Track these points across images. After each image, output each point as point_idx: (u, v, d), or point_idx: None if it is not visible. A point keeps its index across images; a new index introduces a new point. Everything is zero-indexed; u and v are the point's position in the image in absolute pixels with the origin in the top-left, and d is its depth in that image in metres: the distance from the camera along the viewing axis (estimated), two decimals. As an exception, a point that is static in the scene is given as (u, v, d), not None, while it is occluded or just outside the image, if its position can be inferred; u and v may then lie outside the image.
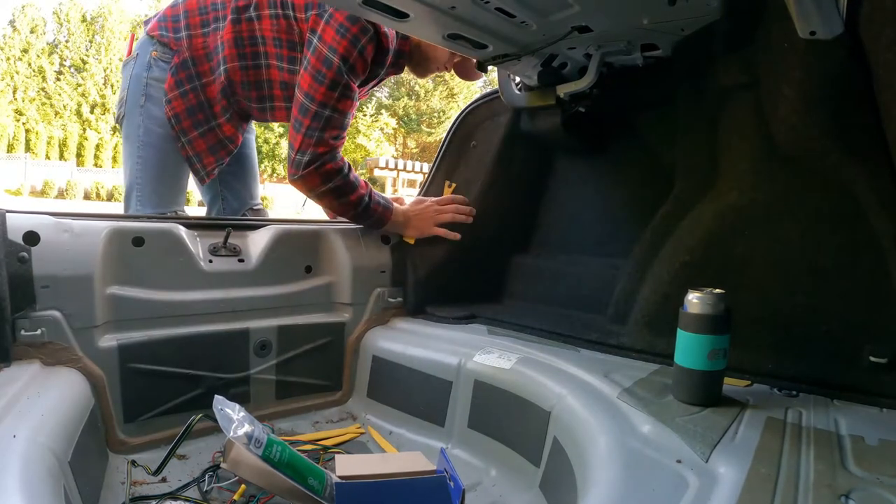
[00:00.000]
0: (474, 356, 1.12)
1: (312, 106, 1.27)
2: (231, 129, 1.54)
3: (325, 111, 1.27)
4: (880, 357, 0.89)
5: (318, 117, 1.27)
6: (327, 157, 1.29)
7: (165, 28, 1.46)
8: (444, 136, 1.69)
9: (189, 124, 1.47)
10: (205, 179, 1.56)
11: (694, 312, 0.81)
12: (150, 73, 1.45)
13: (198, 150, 1.50)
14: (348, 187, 1.33)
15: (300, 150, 1.28)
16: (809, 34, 0.82)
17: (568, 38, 1.15)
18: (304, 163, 1.28)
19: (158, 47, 1.45)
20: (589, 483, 0.68)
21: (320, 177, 1.29)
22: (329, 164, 1.29)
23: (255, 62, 1.42)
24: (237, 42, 1.40)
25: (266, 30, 1.39)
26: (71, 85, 31.10)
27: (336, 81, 1.26)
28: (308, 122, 1.27)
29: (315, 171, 1.28)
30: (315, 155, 1.28)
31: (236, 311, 1.18)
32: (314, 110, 1.27)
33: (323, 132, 1.27)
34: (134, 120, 1.47)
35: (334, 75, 1.25)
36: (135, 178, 1.49)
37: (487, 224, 1.57)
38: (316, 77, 1.26)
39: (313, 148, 1.27)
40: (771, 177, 1.02)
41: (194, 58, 1.45)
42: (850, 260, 0.94)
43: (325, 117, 1.27)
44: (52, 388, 0.85)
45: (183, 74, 1.45)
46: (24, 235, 0.93)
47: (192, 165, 1.52)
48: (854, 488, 0.59)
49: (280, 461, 0.81)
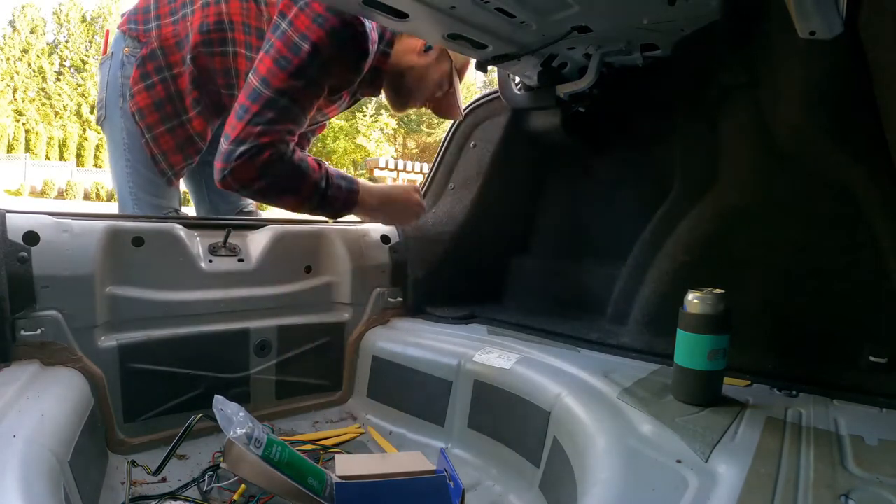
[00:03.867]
0: (474, 356, 1.12)
1: (266, 92, 1.09)
2: (202, 124, 1.39)
3: (281, 99, 1.09)
4: (880, 357, 0.89)
5: (270, 105, 1.09)
6: (268, 145, 1.09)
7: (135, 21, 1.37)
8: (444, 137, 1.69)
9: (155, 119, 1.36)
10: (173, 181, 1.45)
11: (694, 312, 0.81)
12: (123, 72, 1.37)
13: (164, 148, 1.39)
14: (295, 177, 1.14)
15: (237, 138, 1.09)
16: (809, 34, 0.82)
17: (568, 38, 1.15)
18: (238, 153, 1.08)
19: (130, 42, 1.36)
20: (589, 483, 0.68)
21: (256, 168, 1.09)
22: (268, 151, 1.09)
23: (222, 48, 1.30)
24: (203, 27, 1.29)
25: (234, 13, 1.27)
26: (71, 85, 31.11)
27: (301, 71, 1.09)
28: (256, 108, 1.09)
29: (249, 160, 1.08)
30: (255, 145, 1.08)
31: (236, 311, 1.18)
32: (267, 97, 1.09)
33: (272, 124, 1.09)
34: (116, 123, 1.41)
35: (301, 63, 1.09)
36: (127, 184, 1.43)
37: (487, 224, 1.57)
38: (278, 61, 1.10)
39: (255, 138, 1.08)
40: (771, 177, 1.02)
41: (163, 48, 1.34)
42: (850, 260, 0.94)
43: (280, 107, 1.09)
44: (51, 388, 0.85)
45: (150, 66, 1.34)
46: (23, 235, 0.93)
47: (158, 164, 1.40)
48: (854, 488, 0.59)
49: (280, 461, 0.81)
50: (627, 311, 1.20)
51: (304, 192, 1.16)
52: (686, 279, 1.06)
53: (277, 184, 1.13)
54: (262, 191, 1.14)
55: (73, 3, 31.83)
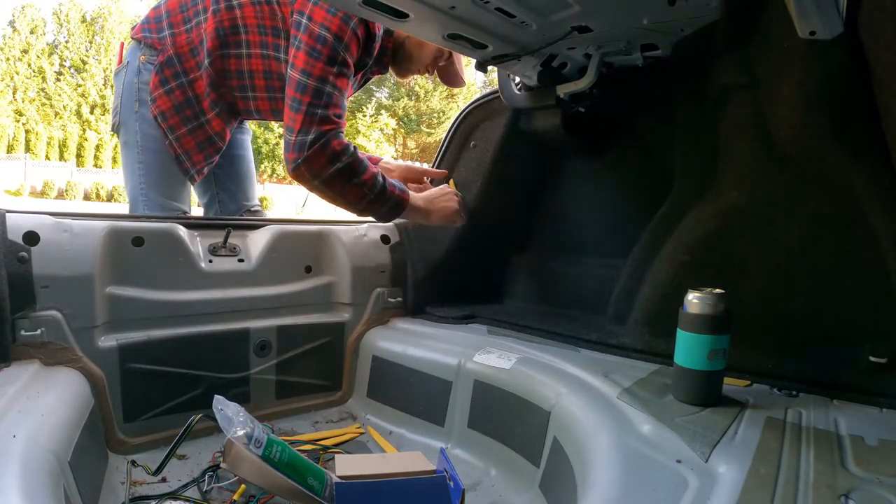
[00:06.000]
0: (474, 356, 1.12)
1: (311, 82, 1.19)
2: (220, 125, 1.48)
3: (325, 87, 1.19)
4: (880, 357, 0.89)
5: (318, 93, 1.19)
6: (332, 134, 1.19)
7: (149, 30, 1.45)
8: (443, 137, 1.69)
9: (176, 121, 1.44)
10: (195, 178, 1.52)
11: (694, 312, 0.81)
12: (140, 78, 1.44)
13: (186, 148, 1.46)
14: (359, 166, 1.22)
15: (301, 129, 1.18)
16: (809, 34, 0.82)
17: (568, 38, 1.15)
18: (309, 142, 1.17)
19: (145, 50, 1.44)
20: (589, 483, 0.68)
21: (326, 157, 1.19)
22: (335, 141, 1.19)
23: (237, 51, 1.38)
24: (218, 32, 1.36)
25: (249, 17, 1.35)
26: (71, 85, 31.11)
27: (332, 57, 1.20)
28: (308, 98, 1.19)
29: (321, 149, 1.18)
30: (320, 132, 1.18)
31: (236, 311, 1.18)
32: (313, 86, 1.19)
33: (326, 108, 1.19)
34: (131, 126, 1.46)
35: (330, 51, 1.19)
36: (139, 184, 1.47)
37: (487, 224, 1.57)
38: (311, 53, 1.19)
39: (318, 126, 1.18)
40: (770, 177, 1.02)
41: (179, 55, 1.42)
42: (850, 260, 0.94)
43: (326, 93, 1.19)
44: (51, 388, 0.85)
45: (168, 72, 1.42)
46: (23, 235, 0.93)
47: (182, 164, 1.48)
48: (854, 488, 0.59)
49: (280, 461, 0.81)
50: (627, 311, 1.20)
51: (367, 183, 1.22)
52: (686, 279, 1.06)
53: (345, 173, 1.20)
54: (330, 180, 1.20)
55: (73, 4, 31.82)
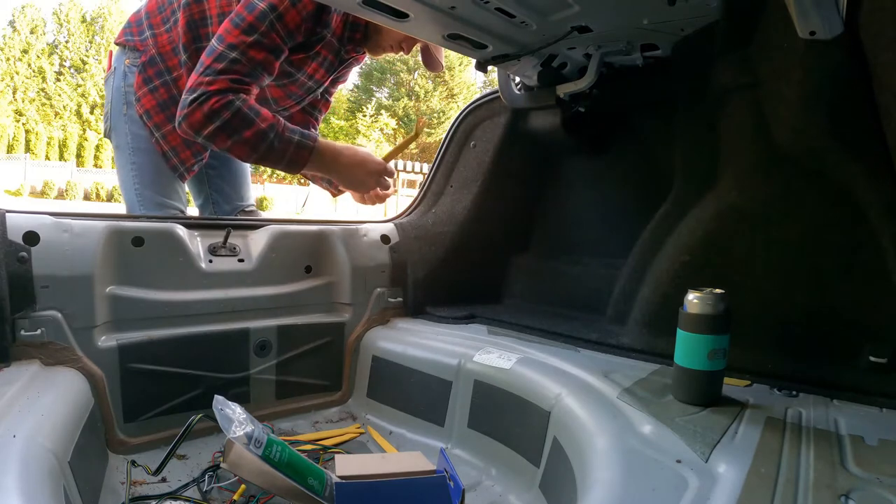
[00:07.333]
0: (474, 356, 1.12)
1: (219, 47, 1.17)
2: None
3: (231, 53, 1.16)
4: (880, 357, 0.89)
5: (220, 58, 1.16)
6: (215, 94, 1.15)
7: (131, 33, 1.47)
8: (443, 137, 1.69)
9: (161, 119, 1.44)
10: (185, 175, 1.51)
11: (694, 312, 0.81)
12: (126, 82, 1.46)
13: (173, 145, 1.45)
14: (241, 123, 1.17)
15: (190, 88, 1.16)
16: (809, 34, 0.82)
17: (568, 38, 1.15)
18: (189, 100, 1.15)
19: (129, 53, 1.46)
20: (589, 483, 0.68)
21: (203, 114, 1.15)
22: (214, 98, 1.15)
23: (208, 43, 1.34)
24: (190, 26, 1.37)
25: (213, 7, 1.35)
26: (71, 85, 31.12)
27: (254, 26, 1.17)
28: (209, 62, 1.17)
29: (198, 107, 1.15)
30: (204, 92, 1.15)
31: (236, 311, 1.18)
32: (219, 51, 1.17)
33: (219, 74, 1.16)
34: (121, 129, 1.47)
35: (254, 20, 1.17)
36: (133, 185, 1.47)
37: (487, 224, 1.57)
38: (234, 20, 1.19)
39: (205, 86, 1.15)
40: (771, 177, 1.02)
41: (161, 54, 1.43)
42: (850, 260, 0.94)
43: (230, 59, 1.16)
44: (51, 388, 0.85)
45: (151, 71, 1.43)
46: (23, 235, 0.93)
47: (169, 161, 1.47)
48: (854, 488, 0.59)
49: (280, 461, 0.81)
50: (627, 311, 1.20)
51: (251, 141, 1.19)
52: (686, 279, 1.07)
53: (225, 129, 1.17)
54: (211, 136, 1.18)
55: (73, 4, 31.82)
